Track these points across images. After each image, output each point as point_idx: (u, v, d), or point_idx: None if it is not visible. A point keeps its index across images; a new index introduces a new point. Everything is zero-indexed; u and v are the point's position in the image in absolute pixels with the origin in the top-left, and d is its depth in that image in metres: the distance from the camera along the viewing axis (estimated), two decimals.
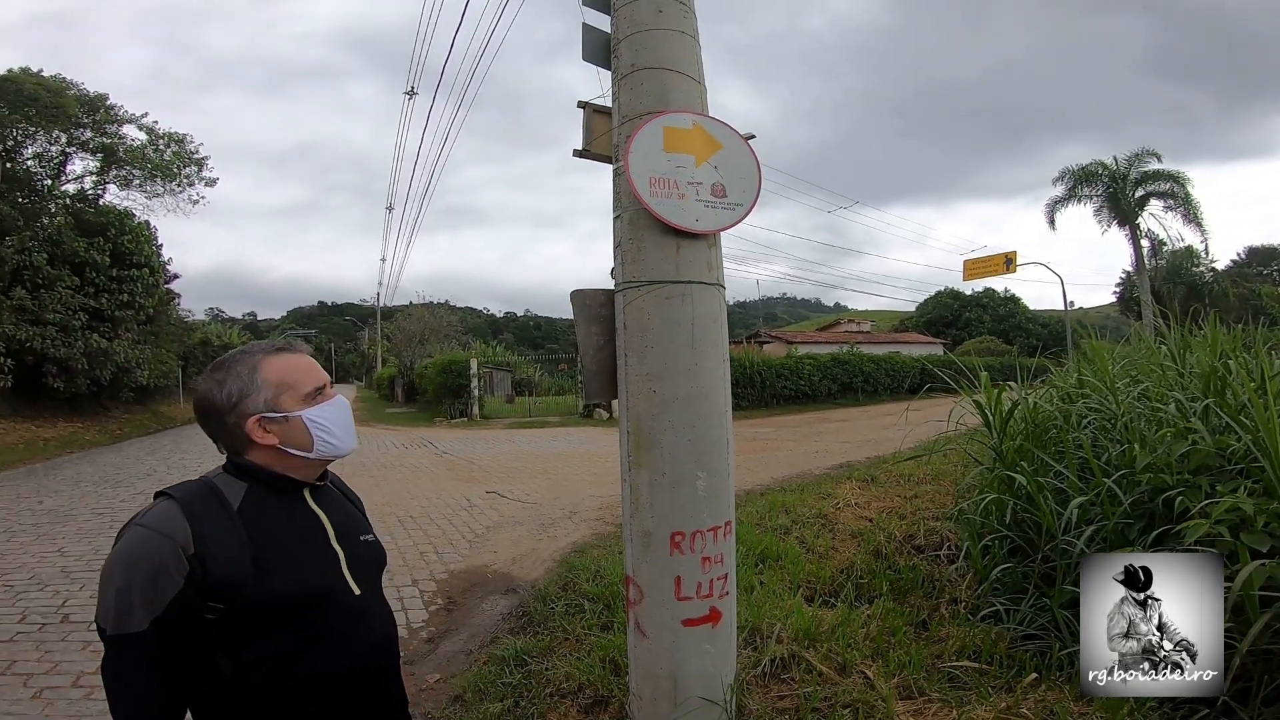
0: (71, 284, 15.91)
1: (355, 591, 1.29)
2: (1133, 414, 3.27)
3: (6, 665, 3.29)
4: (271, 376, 1.26)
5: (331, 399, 1.31)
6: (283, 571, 1.20)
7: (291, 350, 1.32)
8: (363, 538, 1.39)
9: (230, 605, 1.16)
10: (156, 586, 1.12)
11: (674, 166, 2.07)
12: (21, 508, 7.27)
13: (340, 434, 1.30)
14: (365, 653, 1.30)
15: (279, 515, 1.26)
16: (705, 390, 2.12)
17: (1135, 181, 27.66)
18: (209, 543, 1.15)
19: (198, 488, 1.23)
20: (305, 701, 1.22)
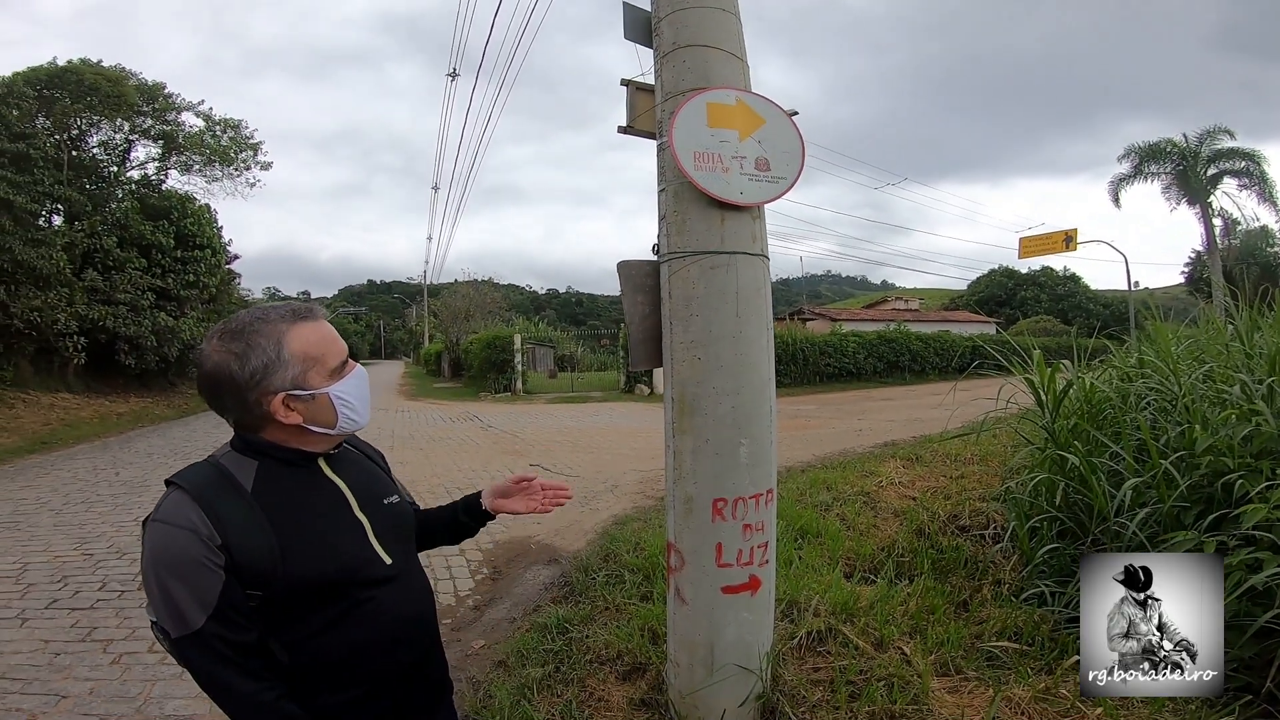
0: (139, 265, 16.74)
1: (386, 561, 1.25)
2: (1194, 395, 3.15)
3: (87, 631, 3.45)
4: (298, 349, 1.16)
5: (353, 371, 1.24)
6: (308, 553, 1.15)
7: (313, 317, 1.20)
8: (386, 501, 1.32)
9: (265, 592, 1.12)
10: (197, 582, 1.08)
11: (718, 141, 2.08)
12: (99, 479, 7.74)
13: (361, 408, 1.24)
14: (402, 621, 1.26)
15: (296, 492, 1.19)
16: (749, 358, 2.14)
17: (1207, 159, 26.90)
18: (229, 531, 1.09)
19: (205, 472, 1.15)
20: (349, 675, 1.20)
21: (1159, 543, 2.61)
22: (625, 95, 2.54)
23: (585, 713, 2.39)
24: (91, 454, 9.81)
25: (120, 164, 18.79)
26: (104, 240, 16.01)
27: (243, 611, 1.10)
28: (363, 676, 1.21)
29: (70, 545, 4.97)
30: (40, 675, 2.94)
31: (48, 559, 4.62)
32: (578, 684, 2.60)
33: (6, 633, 3.40)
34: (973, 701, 2.26)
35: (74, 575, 4.28)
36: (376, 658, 1.22)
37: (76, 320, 14.65)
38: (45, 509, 6.15)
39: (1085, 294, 48.15)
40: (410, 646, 1.28)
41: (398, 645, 1.25)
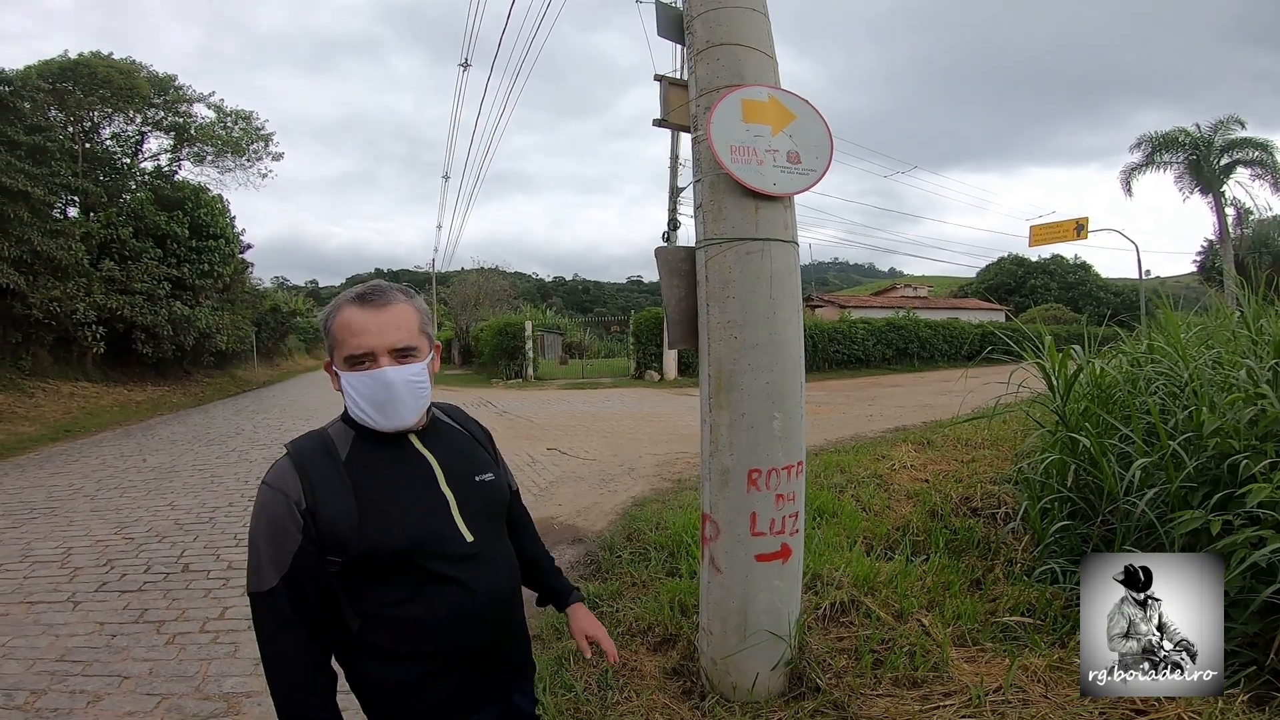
0: (155, 255, 16.95)
1: (467, 538, 1.25)
2: (1202, 380, 3.24)
3: (139, 614, 3.56)
4: (334, 329, 1.23)
5: (368, 371, 1.21)
6: (386, 524, 1.18)
7: (362, 304, 1.23)
8: (479, 478, 1.32)
9: (344, 558, 1.17)
10: (279, 544, 1.15)
11: (752, 136, 2.20)
12: (128, 465, 7.95)
13: (371, 410, 1.21)
14: (479, 600, 1.25)
15: (383, 464, 1.23)
16: (782, 337, 2.28)
17: (1220, 149, 26.81)
18: (318, 496, 1.16)
19: (312, 440, 1.24)
20: (420, 649, 1.22)
21: (1166, 522, 2.71)
22: (659, 90, 2.65)
23: (620, 682, 2.52)
24: (116, 441, 10.03)
25: (133, 155, 19.01)
26: (120, 230, 16.22)
27: (315, 580, 1.17)
28: (434, 652, 1.23)
29: (110, 530, 5.14)
30: (99, 657, 3.05)
31: (90, 543, 4.80)
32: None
33: (61, 616, 3.53)
34: (990, 670, 2.39)
35: (118, 559, 4.45)
36: (448, 634, 1.23)
37: (95, 310, 14.87)
38: (80, 495, 6.35)
39: (1096, 282, 47.89)
40: (485, 626, 1.27)
41: (471, 624, 1.25)
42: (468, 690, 1.28)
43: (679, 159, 19.18)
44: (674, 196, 19.28)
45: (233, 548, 4.68)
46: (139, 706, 2.62)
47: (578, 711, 2.32)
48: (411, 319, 1.26)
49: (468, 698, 1.29)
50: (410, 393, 1.23)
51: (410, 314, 1.26)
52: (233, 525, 5.24)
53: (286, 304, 33.61)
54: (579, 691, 2.43)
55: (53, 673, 2.88)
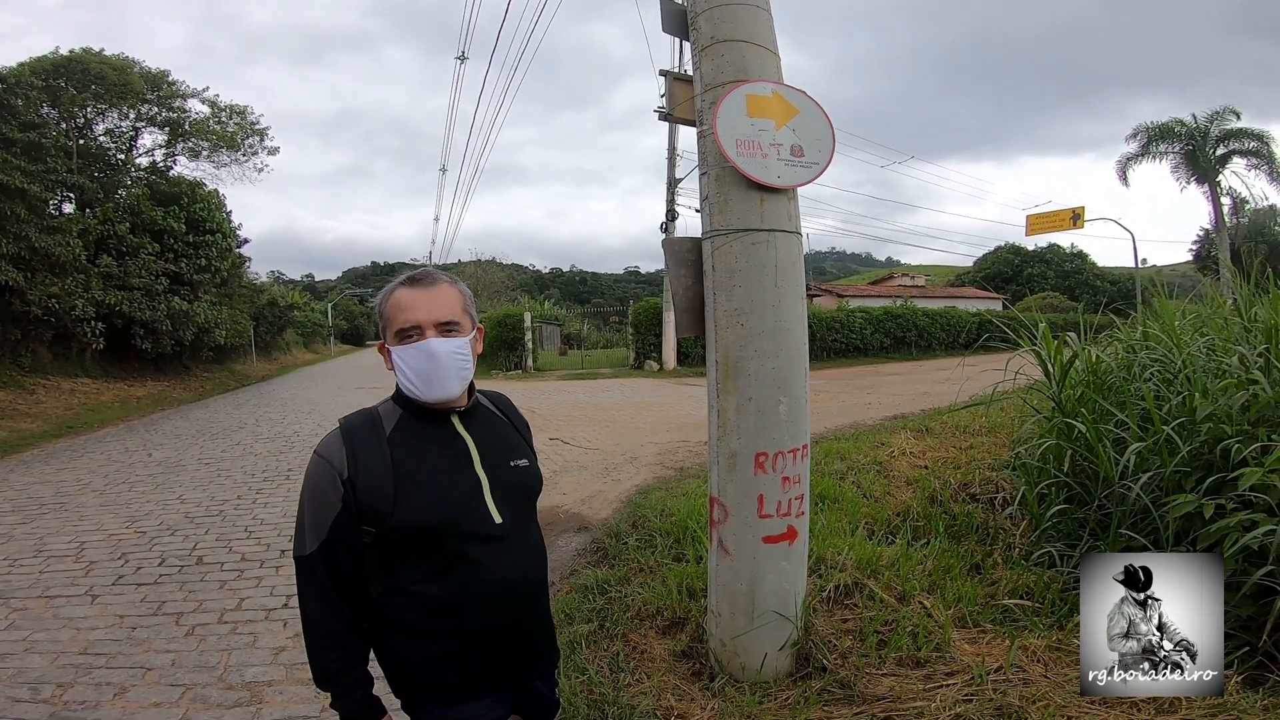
0: (153, 250, 16.91)
1: (496, 519, 1.30)
2: (1195, 366, 3.30)
3: (157, 606, 3.60)
4: (387, 309, 1.32)
5: (415, 344, 1.29)
6: (419, 498, 1.25)
7: (411, 284, 1.32)
8: (513, 463, 1.38)
9: (379, 529, 1.24)
10: (321, 510, 1.24)
11: (757, 130, 2.27)
12: (134, 460, 7.99)
13: (418, 381, 1.29)
14: (504, 581, 1.31)
15: (424, 441, 1.31)
16: (787, 324, 2.35)
17: (1216, 139, 27.03)
18: (360, 467, 1.24)
19: (361, 416, 1.34)
20: (445, 627, 1.28)
21: (1161, 506, 2.77)
22: (664, 85, 2.71)
23: (631, 664, 2.60)
24: (119, 436, 10.07)
25: (127, 151, 18.92)
26: (117, 226, 16.18)
27: (350, 545, 1.25)
28: (457, 630, 1.29)
29: (121, 524, 5.20)
30: (122, 649, 3.10)
31: (103, 537, 4.85)
32: (621, 639, 2.81)
33: (80, 609, 3.58)
34: (991, 651, 2.46)
35: (132, 552, 4.50)
36: (472, 613, 1.29)
37: (93, 306, 14.85)
38: (88, 490, 6.40)
39: (1092, 271, 48.09)
40: (508, 608, 1.33)
41: (495, 605, 1.30)
42: (488, 670, 1.34)
43: (677, 151, 19.17)
44: (672, 188, 19.28)
45: (244, 540, 4.74)
46: (164, 697, 2.68)
47: (591, 694, 2.40)
48: (455, 299, 1.35)
49: (487, 677, 1.34)
50: (453, 364, 1.31)
51: (454, 294, 1.35)
52: (242, 518, 5.31)
53: (284, 298, 33.56)
54: (591, 674, 2.51)
55: (77, 665, 2.94)
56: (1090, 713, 2.06)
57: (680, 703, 2.30)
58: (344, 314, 63.21)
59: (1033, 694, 2.16)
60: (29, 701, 2.64)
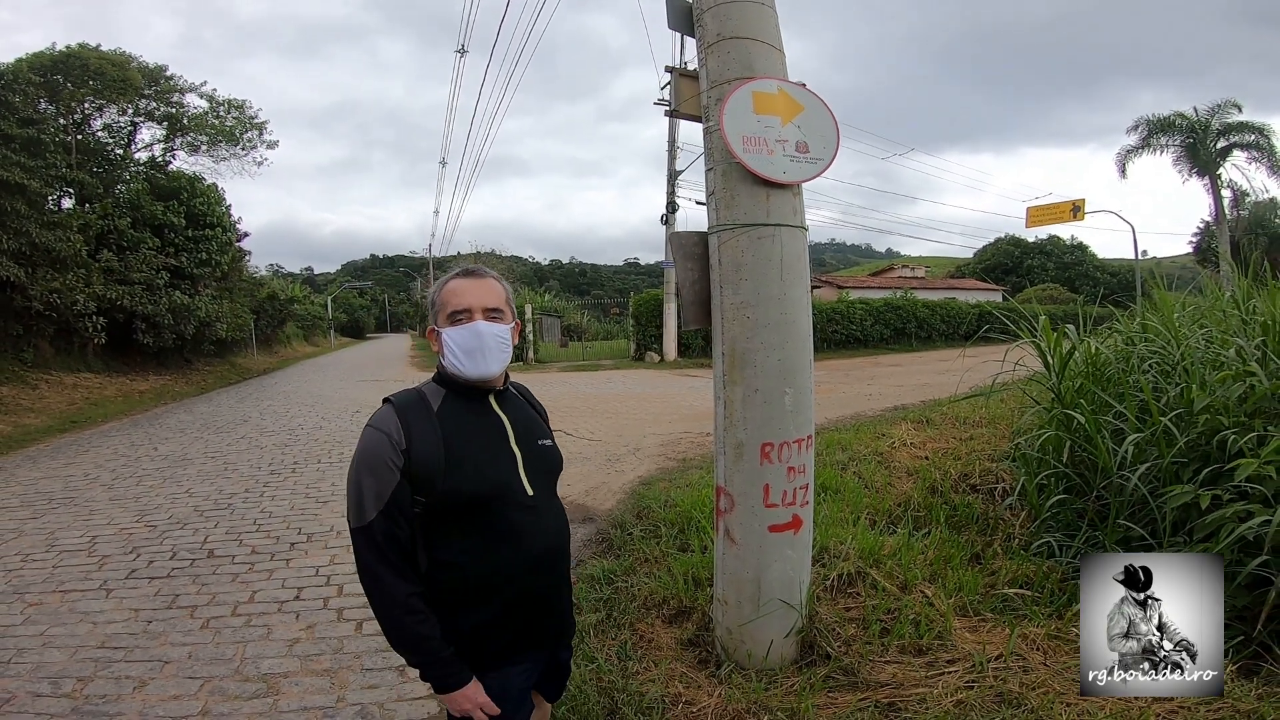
0: (153, 245, 16.89)
1: (529, 492, 1.45)
2: (1193, 358, 3.34)
3: (171, 599, 3.63)
4: (442, 295, 1.48)
5: (466, 325, 1.43)
6: (467, 468, 1.37)
7: (465, 275, 1.50)
8: (540, 442, 1.53)
9: (429, 498, 1.35)
10: (380, 479, 1.33)
11: (763, 126, 2.30)
12: (140, 454, 8.03)
13: (464, 357, 1.43)
14: (538, 548, 1.45)
15: (468, 418, 1.45)
16: (792, 317, 2.39)
17: (1217, 132, 26.96)
18: (414, 439, 1.36)
19: (410, 394, 1.46)
20: (487, 594, 1.40)
21: (1158, 496, 2.81)
22: (671, 81, 2.73)
23: (639, 653, 2.66)
24: (124, 431, 10.11)
25: (126, 146, 18.88)
26: (117, 221, 16.15)
27: (406, 513, 1.35)
28: (498, 595, 1.41)
29: (131, 518, 5.25)
30: (139, 643, 3.13)
31: (114, 531, 4.90)
32: (629, 627, 2.87)
33: (96, 603, 3.62)
34: (991, 639, 2.51)
35: (143, 546, 4.55)
36: (512, 579, 1.42)
37: (95, 300, 14.84)
38: (96, 484, 6.44)
39: (1092, 263, 48.03)
40: (544, 574, 1.47)
41: (531, 571, 1.44)
42: (526, 636, 1.47)
43: (677, 143, 19.13)
44: (672, 180, 19.25)
45: (254, 533, 4.80)
46: (183, 690, 2.72)
47: (600, 681, 2.45)
48: (500, 291, 1.52)
49: (525, 643, 1.48)
50: (496, 345, 1.46)
51: (499, 288, 1.52)
52: (251, 511, 5.36)
53: (283, 291, 33.52)
54: (600, 662, 2.56)
55: (96, 659, 2.97)
56: (1088, 700, 2.10)
57: (688, 690, 2.35)
58: (344, 307, 63.20)
59: (1032, 681, 2.21)
60: (50, 696, 2.67)
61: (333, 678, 2.79)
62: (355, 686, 2.72)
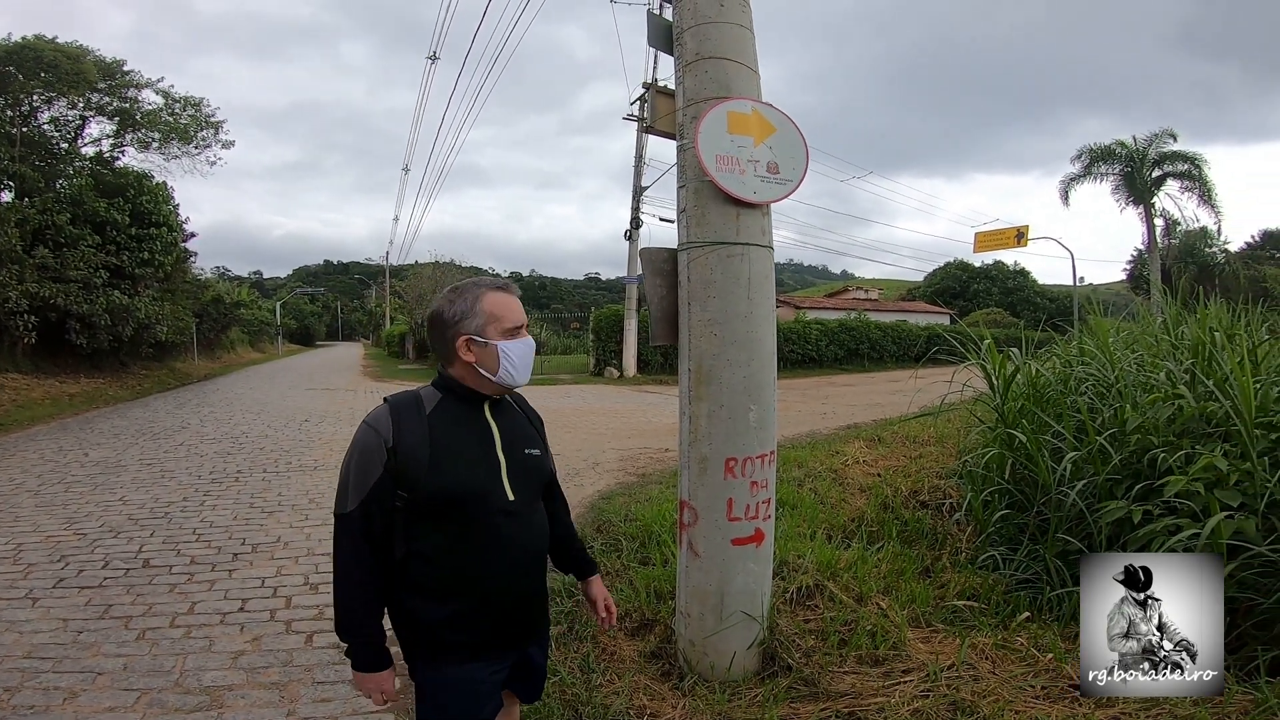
0: (93, 242, 16.12)
1: (509, 496, 1.50)
2: (1126, 380, 3.55)
3: (103, 609, 3.45)
4: (487, 308, 1.51)
5: (524, 339, 1.54)
6: (450, 470, 1.43)
7: (508, 291, 1.56)
8: (527, 450, 1.58)
9: (411, 494, 1.41)
10: (365, 472, 1.41)
11: (736, 146, 2.37)
12: (68, 459, 7.60)
13: (521, 368, 1.53)
14: (515, 551, 1.50)
15: (459, 422, 1.51)
16: (758, 334, 2.46)
17: (1153, 161, 27.96)
18: (402, 437, 1.42)
19: (407, 396, 1.52)
20: (464, 588, 1.45)
21: (1095, 511, 2.96)
22: (647, 98, 2.79)
23: (602, 665, 2.65)
24: (52, 435, 9.56)
25: (73, 140, 18.07)
26: (56, 217, 15.38)
27: (385, 507, 1.42)
28: (469, 592, 1.46)
29: (59, 525, 4.97)
30: (69, 653, 2.97)
31: (40, 539, 4.63)
32: (591, 640, 2.86)
33: (21, 612, 3.42)
34: (944, 649, 2.61)
35: (72, 555, 4.31)
36: (485, 578, 1.47)
37: (27, 298, 14.08)
38: (22, 490, 6.07)
39: (1033, 288, 50.16)
40: (516, 574, 1.52)
41: (504, 571, 1.49)
42: (496, 634, 1.51)
43: (644, 159, 19.30)
44: (638, 196, 19.40)
45: (193, 543, 4.59)
46: (118, 702, 2.58)
47: (564, 694, 2.44)
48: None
49: (495, 641, 1.52)
50: (533, 358, 1.58)
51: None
52: (190, 520, 5.13)
53: (229, 295, 32.37)
54: (564, 675, 2.55)
55: (22, 670, 2.81)
56: (1036, 707, 2.20)
57: (652, 702, 2.36)
58: (294, 313, 61.31)
59: (983, 689, 2.30)
60: None
61: (282, 690, 2.69)
62: (307, 700, 2.62)
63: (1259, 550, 2.42)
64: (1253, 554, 2.43)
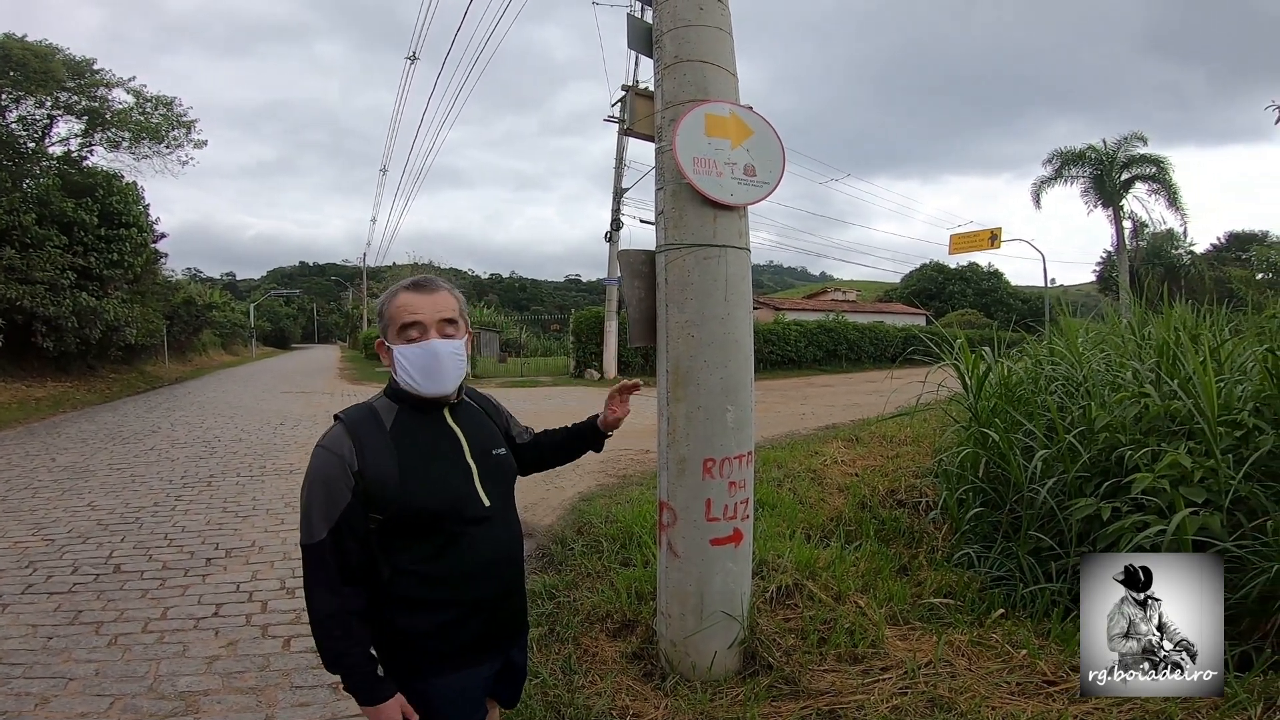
0: (60, 243, 15.70)
1: (485, 503, 1.46)
2: (1095, 379, 3.63)
3: (73, 615, 3.41)
4: (390, 310, 1.44)
5: (420, 343, 1.40)
6: (422, 485, 1.37)
7: (415, 288, 1.45)
8: (495, 452, 1.53)
9: (384, 514, 1.35)
10: (331, 500, 1.32)
11: (713, 149, 2.39)
12: (35, 465, 7.43)
13: (419, 376, 1.40)
14: (494, 556, 1.47)
15: (422, 434, 1.44)
16: (736, 335, 2.47)
17: (1122, 164, 28.48)
18: (367, 458, 1.34)
19: (361, 411, 1.44)
20: (445, 599, 1.41)
21: (1065, 508, 3.02)
22: (626, 100, 2.80)
23: (583, 667, 2.65)
24: (19, 440, 9.31)
25: (40, 140, 17.59)
26: (22, 217, 14.95)
27: (358, 534, 1.34)
28: (455, 601, 1.42)
29: (27, 531, 4.86)
30: (39, 659, 2.93)
31: (7, 545, 4.52)
32: (572, 642, 2.86)
33: None
34: (921, 646, 2.64)
35: (41, 561, 4.22)
36: (468, 585, 1.43)
37: None
38: None
39: (1006, 290, 51.02)
40: (499, 580, 1.49)
41: (488, 577, 1.46)
42: (481, 640, 1.47)
43: (625, 161, 19.31)
44: (618, 197, 19.40)
45: (165, 548, 4.51)
46: (91, 707, 2.54)
47: (546, 695, 2.43)
48: (454, 304, 1.49)
49: (480, 646, 1.48)
50: (452, 363, 1.44)
51: (453, 300, 1.49)
52: (161, 525, 5.04)
53: (201, 297, 31.74)
54: (545, 677, 2.54)
55: None
56: (1011, 703, 2.24)
57: (634, 703, 2.37)
58: (268, 315, 60.25)
59: (960, 686, 2.33)
60: None
61: (259, 695, 2.66)
62: (285, 705, 2.59)
63: (1224, 546, 2.48)
64: (1218, 550, 2.50)
